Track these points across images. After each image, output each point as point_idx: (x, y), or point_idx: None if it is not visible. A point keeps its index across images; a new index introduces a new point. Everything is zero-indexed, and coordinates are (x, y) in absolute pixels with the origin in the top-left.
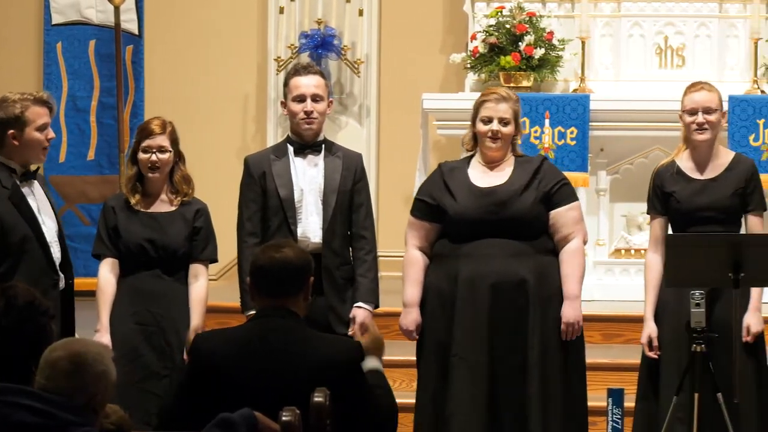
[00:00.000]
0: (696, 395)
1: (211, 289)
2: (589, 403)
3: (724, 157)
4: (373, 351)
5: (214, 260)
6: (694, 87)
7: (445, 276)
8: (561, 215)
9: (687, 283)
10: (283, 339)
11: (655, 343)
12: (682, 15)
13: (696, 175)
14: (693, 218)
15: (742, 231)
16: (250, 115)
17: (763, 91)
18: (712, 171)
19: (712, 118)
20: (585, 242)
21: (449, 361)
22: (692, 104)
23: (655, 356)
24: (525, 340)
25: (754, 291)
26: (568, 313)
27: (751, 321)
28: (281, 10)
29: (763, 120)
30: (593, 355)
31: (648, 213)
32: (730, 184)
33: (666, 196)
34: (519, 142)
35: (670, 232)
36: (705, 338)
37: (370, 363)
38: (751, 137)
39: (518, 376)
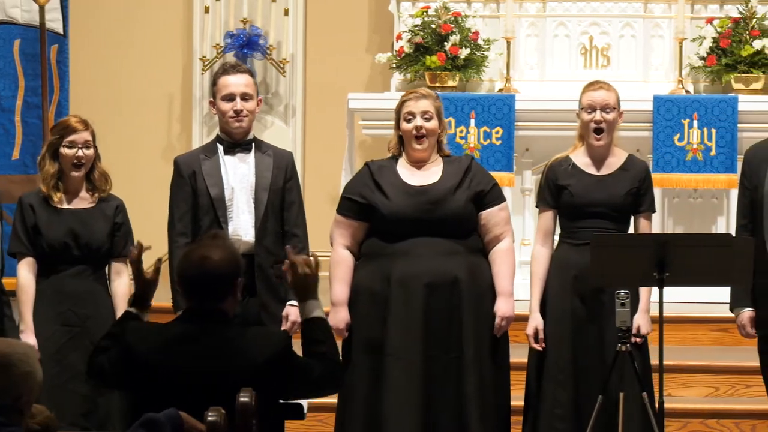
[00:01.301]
0: (621, 394)
1: None
2: (514, 403)
3: (619, 156)
4: (305, 292)
5: None
6: (593, 85)
7: (377, 275)
8: (493, 215)
9: (613, 282)
10: (211, 338)
11: (541, 335)
12: (607, 15)
13: (591, 171)
14: (585, 212)
15: (630, 231)
16: (175, 114)
17: (687, 91)
18: (607, 168)
19: (610, 117)
20: (513, 241)
21: (383, 361)
22: (591, 102)
23: (540, 348)
24: (459, 338)
25: (643, 292)
26: (504, 308)
27: (641, 322)
28: (206, 10)
29: (687, 120)
30: (519, 354)
31: (537, 206)
32: (625, 183)
33: (559, 189)
34: (444, 141)
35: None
36: (629, 338)
37: (311, 309)
38: (676, 137)
39: (453, 374)
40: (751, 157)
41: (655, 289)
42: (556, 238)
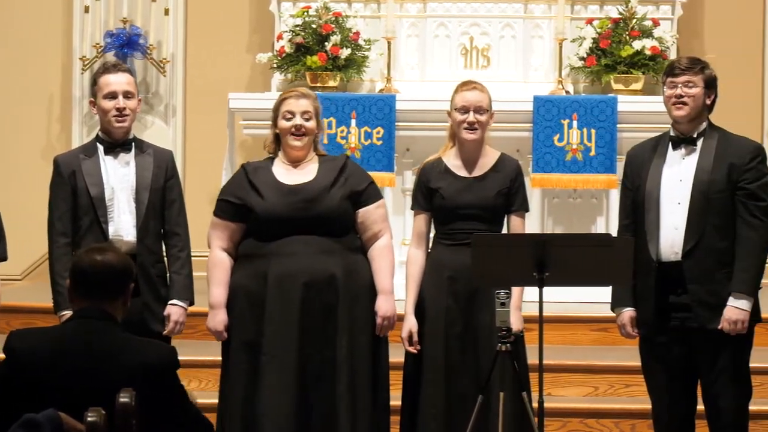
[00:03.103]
0: (501, 394)
1: (16, 290)
2: (393, 402)
3: (490, 156)
4: None
5: (4, 258)
6: (466, 85)
7: (253, 275)
8: (370, 213)
9: (492, 282)
10: (99, 341)
11: (415, 338)
12: (487, 16)
13: (463, 173)
14: (457, 215)
15: (504, 231)
16: (54, 115)
17: (567, 92)
18: (479, 170)
19: (483, 118)
20: (391, 238)
21: (259, 361)
22: (464, 102)
23: (415, 351)
24: (334, 337)
25: (515, 290)
26: (384, 306)
27: (512, 319)
28: (86, 9)
29: (567, 120)
30: (398, 354)
31: (412, 209)
32: (496, 183)
33: (431, 192)
34: (319, 140)
35: (433, 228)
36: (510, 337)
37: None
38: (556, 137)
39: (328, 373)
40: (632, 158)
41: (536, 289)
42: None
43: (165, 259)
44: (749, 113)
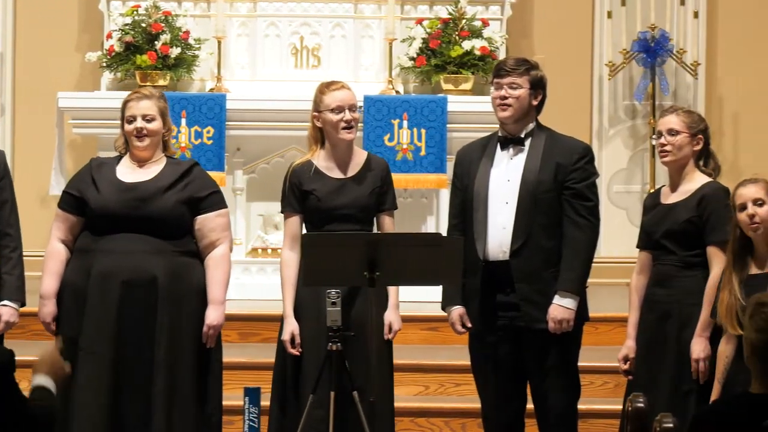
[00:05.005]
0: (332, 393)
1: None
2: (226, 402)
3: (360, 156)
4: (46, 371)
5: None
6: (334, 85)
7: (79, 270)
8: (209, 221)
9: (324, 281)
10: None
11: (298, 340)
12: (317, 15)
13: (336, 174)
14: (331, 216)
15: (375, 230)
16: None
17: (397, 92)
18: (351, 170)
19: (357, 115)
20: (230, 250)
21: (78, 356)
22: (339, 102)
23: (297, 353)
24: (153, 338)
25: (392, 289)
26: (212, 316)
27: (392, 318)
28: None
29: (397, 120)
30: (230, 354)
31: (283, 211)
32: (368, 183)
33: (304, 194)
34: (169, 140)
35: (305, 230)
36: (341, 337)
37: (39, 380)
38: (386, 137)
39: (144, 374)
40: (462, 158)
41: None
42: None
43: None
44: (578, 113)
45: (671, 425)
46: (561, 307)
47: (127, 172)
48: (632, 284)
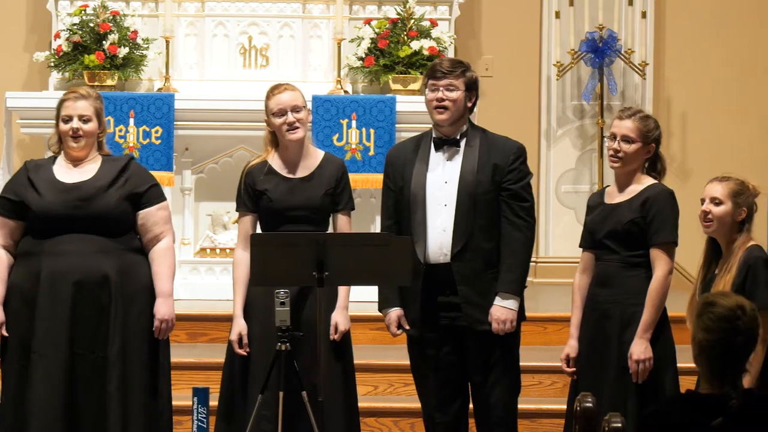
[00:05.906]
0: (281, 393)
1: None
2: (175, 403)
3: (315, 156)
4: None
5: None
6: (277, 89)
7: (27, 274)
8: (151, 214)
9: (272, 281)
10: None
11: (245, 340)
12: (265, 15)
13: (289, 175)
14: (285, 217)
15: (330, 230)
16: None
17: (346, 91)
18: (304, 170)
19: (301, 115)
20: (173, 241)
21: (30, 359)
22: (280, 105)
23: (245, 353)
24: (107, 337)
25: (342, 290)
26: (162, 309)
27: (339, 319)
28: None
29: (346, 120)
30: (178, 354)
31: (237, 210)
32: (322, 183)
33: (258, 194)
34: (103, 139)
35: (258, 230)
36: (289, 337)
37: None
38: (335, 137)
39: (98, 373)
40: (394, 159)
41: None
42: None
43: None
44: (526, 113)
45: (619, 425)
46: (503, 308)
47: (65, 173)
48: (575, 284)
